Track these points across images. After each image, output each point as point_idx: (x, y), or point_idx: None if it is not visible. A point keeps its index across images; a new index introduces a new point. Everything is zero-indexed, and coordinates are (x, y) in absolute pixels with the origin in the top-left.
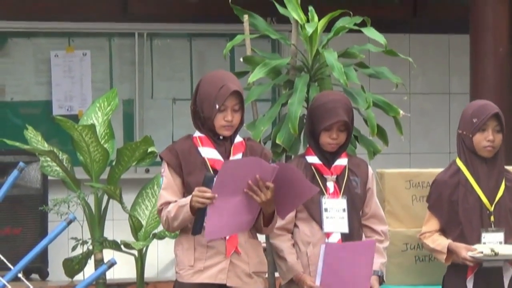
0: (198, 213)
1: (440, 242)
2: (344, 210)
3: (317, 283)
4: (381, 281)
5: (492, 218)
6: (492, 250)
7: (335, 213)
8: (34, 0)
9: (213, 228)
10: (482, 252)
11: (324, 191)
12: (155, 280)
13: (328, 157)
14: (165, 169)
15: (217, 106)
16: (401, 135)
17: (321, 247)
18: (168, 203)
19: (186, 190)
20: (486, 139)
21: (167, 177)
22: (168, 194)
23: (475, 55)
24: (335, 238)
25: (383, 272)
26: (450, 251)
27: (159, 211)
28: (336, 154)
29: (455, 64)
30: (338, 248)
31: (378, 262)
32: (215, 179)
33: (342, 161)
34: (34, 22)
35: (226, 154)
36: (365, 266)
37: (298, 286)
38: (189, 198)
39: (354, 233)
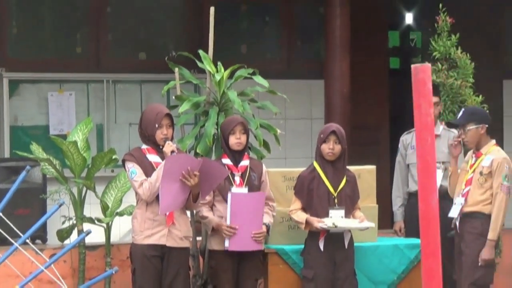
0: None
1: (301, 217)
2: None
3: (228, 223)
4: (268, 230)
5: (336, 201)
6: (333, 223)
7: None
8: (37, 58)
9: (165, 205)
10: (326, 225)
11: (233, 182)
12: (118, 243)
13: (237, 158)
14: (133, 165)
15: (156, 125)
16: (279, 146)
17: (228, 196)
18: (145, 180)
19: None
20: (328, 148)
21: (137, 169)
22: (143, 176)
23: (328, 94)
24: None
25: (270, 225)
26: (308, 223)
27: (139, 186)
28: (241, 156)
29: (315, 99)
30: (239, 195)
31: (267, 218)
32: (163, 168)
33: (245, 162)
34: (37, 73)
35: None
36: (258, 211)
37: (219, 232)
38: (161, 163)
39: None
